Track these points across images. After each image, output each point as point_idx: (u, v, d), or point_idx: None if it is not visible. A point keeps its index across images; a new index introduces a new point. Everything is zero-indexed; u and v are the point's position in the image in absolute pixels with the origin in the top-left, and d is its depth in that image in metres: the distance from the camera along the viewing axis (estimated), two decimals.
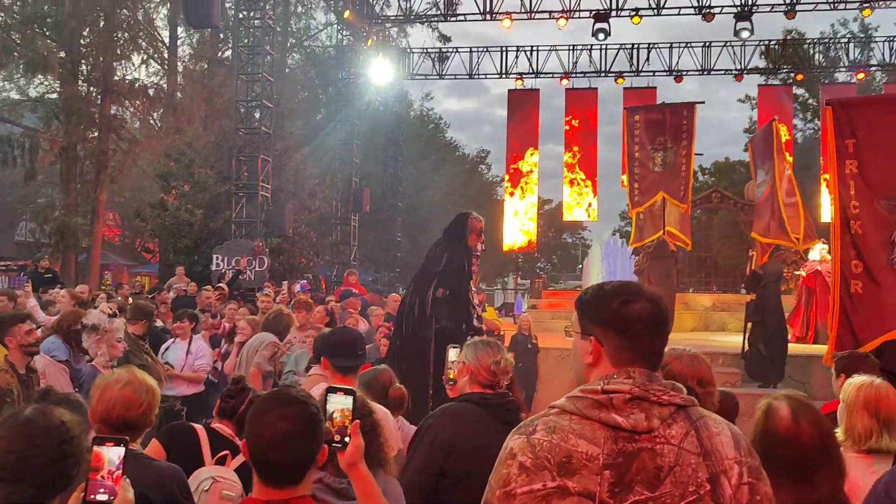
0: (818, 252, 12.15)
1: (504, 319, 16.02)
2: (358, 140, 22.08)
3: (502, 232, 22.45)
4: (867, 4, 17.66)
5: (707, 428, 1.72)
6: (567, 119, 21.96)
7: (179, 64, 28.58)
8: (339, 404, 2.20)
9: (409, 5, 20.42)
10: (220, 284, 12.43)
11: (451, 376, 3.37)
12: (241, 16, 17.56)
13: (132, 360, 5.59)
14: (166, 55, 28.12)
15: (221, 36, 26.81)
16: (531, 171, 22.02)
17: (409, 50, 24.04)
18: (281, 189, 19.08)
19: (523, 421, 1.81)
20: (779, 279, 9.56)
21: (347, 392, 2.22)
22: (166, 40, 28.44)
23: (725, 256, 27.83)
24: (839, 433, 3.04)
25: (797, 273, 12.08)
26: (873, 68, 23.23)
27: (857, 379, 3.10)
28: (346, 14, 19.62)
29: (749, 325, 9.48)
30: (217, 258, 15.90)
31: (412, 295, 6.07)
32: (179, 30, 27.95)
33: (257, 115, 17.36)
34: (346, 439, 2.19)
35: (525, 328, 10.89)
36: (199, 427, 3.46)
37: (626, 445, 1.66)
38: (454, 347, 3.46)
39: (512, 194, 22.14)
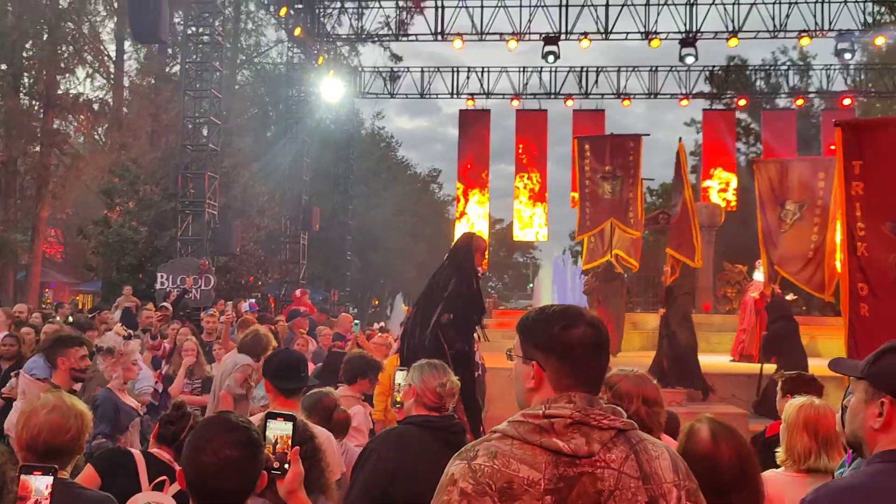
0: (762, 273, 12.46)
1: None
2: (308, 158, 21.96)
3: None
4: (805, 33, 18.32)
5: (647, 451, 1.73)
6: (518, 139, 22.22)
7: (126, 78, 28.10)
8: (279, 430, 2.15)
9: (360, 24, 20.49)
10: (165, 304, 12.14)
11: (398, 399, 3.34)
12: (189, 32, 17.36)
13: None
14: (112, 69, 27.61)
15: (170, 51, 26.46)
16: (482, 191, 22.18)
17: (360, 68, 24.10)
18: (228, 206, 18.82)
19: (465, 445, 1.79)
20: (689, 293, 9.82)
21: (287, 418, 2.18)
22: (112, 54, 27.96)
23: None
24: (780, 453, 3.09)
25: (752, 295, 12.34)
26: (811, 95, 24.08)
27: (798, 400, 3.16)
28: (297, 32, 19.55)
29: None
30: (162, 277, 15.56)
31: (413, 320, 6.00)
32: (126, 44, 27.51)
33: (205, 132, 17.12)
34: (286, 466, 2.14)
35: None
36: (136, 452, 3.35)
37: (567, 470, 1.66)
38: (401, 370, 3.43)
39: (463, 214, 22.25)
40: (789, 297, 12.65)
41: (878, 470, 1.76)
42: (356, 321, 9.30)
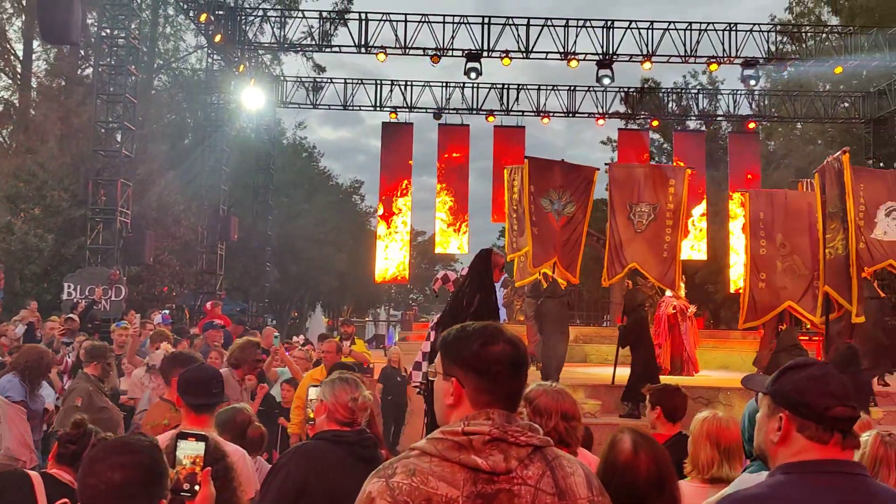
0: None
1: (375, 352, 15.94)
2: (227, 167, 21.47)
3: (375, 263, 22.44)
4: (713, 60, 19.14)
5: (562, 468, 1.77)
6: (440, 153, 22.37)
7: (34, 79, 26.89)
8: (190, 450, 2.09)
9: (283, 33, 20.22)
10: (72, 315, 11.63)
11: (311, 415, 3.30)
12: (103, 34, 16.77)
13: (94, 402, 5.23)
14: (19, 69, 26.37)
15: (82, 53, 25.48)
16: (404, 203, 22.21)
17: (282, 78, 23.76)
18: (142, 215, 18.23)
19: (383, 463, 1.78)
20: (552, 294, 10.55)
21: (199, 438, 2.11)
22: (20, 54, 26.70)
23: (589, 290, 29.03)
24: (687, 464, 3.21)
25: (668, 311, 12.76)
26: (720, 118, 25.17)
27: (702, 413, 3.29)
28: (218, 38, 19.14)
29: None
30: (69, 287, 14.93)
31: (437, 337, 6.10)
32: (35, 44, 26.34)
33: (118, 137, 16.55)
34: (196, 487, 2.08)
35: (395, 360, 10.86)
36: (33, 474, 3.19)
37: (485, 487, 1.67)
38: (314, 386, 3.40)
39: (385, 226, 22.20)
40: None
41: (779, 481, 1.85)
42: (276, 334, 9.12)
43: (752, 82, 19.26)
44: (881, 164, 22.52)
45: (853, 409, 1.86)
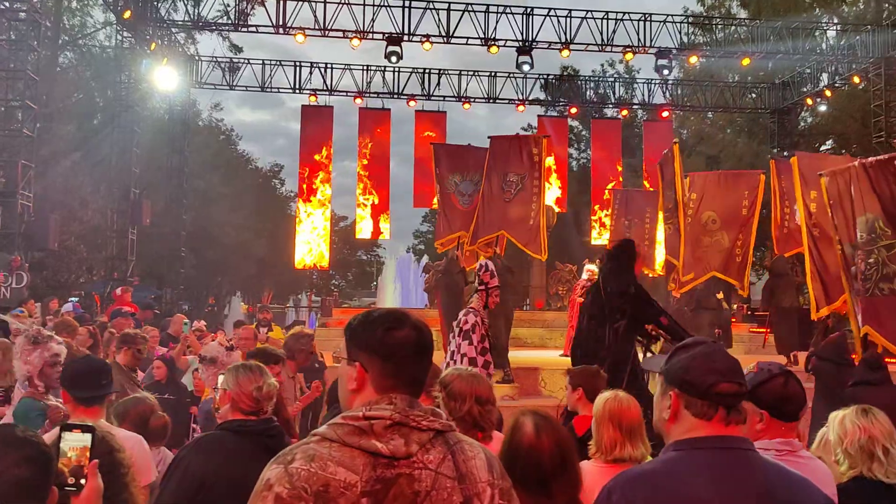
0: (585, 272, 13.25)
1: None
2: (138, 148, 20.68)
3: (295, 249, 22.12)
4: (629, 49, 19.57)
5: (463, 452, 1.77)
6: (360, 137, 22.18)
7: None
8: (75, 442, 1.99)
9: (197, 11, 19.56)
10: None
11: (216, 405, 3.23)
12: (2, 7, 15.91)
13: (127, 391, 4.98)
14: None
15: None
16: (325, 188, 21.95)
17: (197, 57, 23.01)
18: (46, 198, 17.42)
19: (283, 450, 1.76)
20: (446, 272, 11.12)
21: (85, 429, 2.02)
22: None
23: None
24: (591, 445, 3.28)
25: (579, 298, 13.06)
26: (635, 106, 25.78)
27: (605, 394, 3.37)
28: (127, 15, 18.35)
29: None
30: None
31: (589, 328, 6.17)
32: None
33: (20, 116, 15.80)
34: (82, 481, 1.99)
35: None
36: None
37: (385, 472, 1.67)
38: (222, 374, 3.33)
39: (305, 211, 21.90)
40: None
41: (670, 457, 1.91)
42: (185, 321, 8.88)
43: (666, 72, 19.78)
44: (784, 153, 23.60)
45: (738, 384, 1.92)
